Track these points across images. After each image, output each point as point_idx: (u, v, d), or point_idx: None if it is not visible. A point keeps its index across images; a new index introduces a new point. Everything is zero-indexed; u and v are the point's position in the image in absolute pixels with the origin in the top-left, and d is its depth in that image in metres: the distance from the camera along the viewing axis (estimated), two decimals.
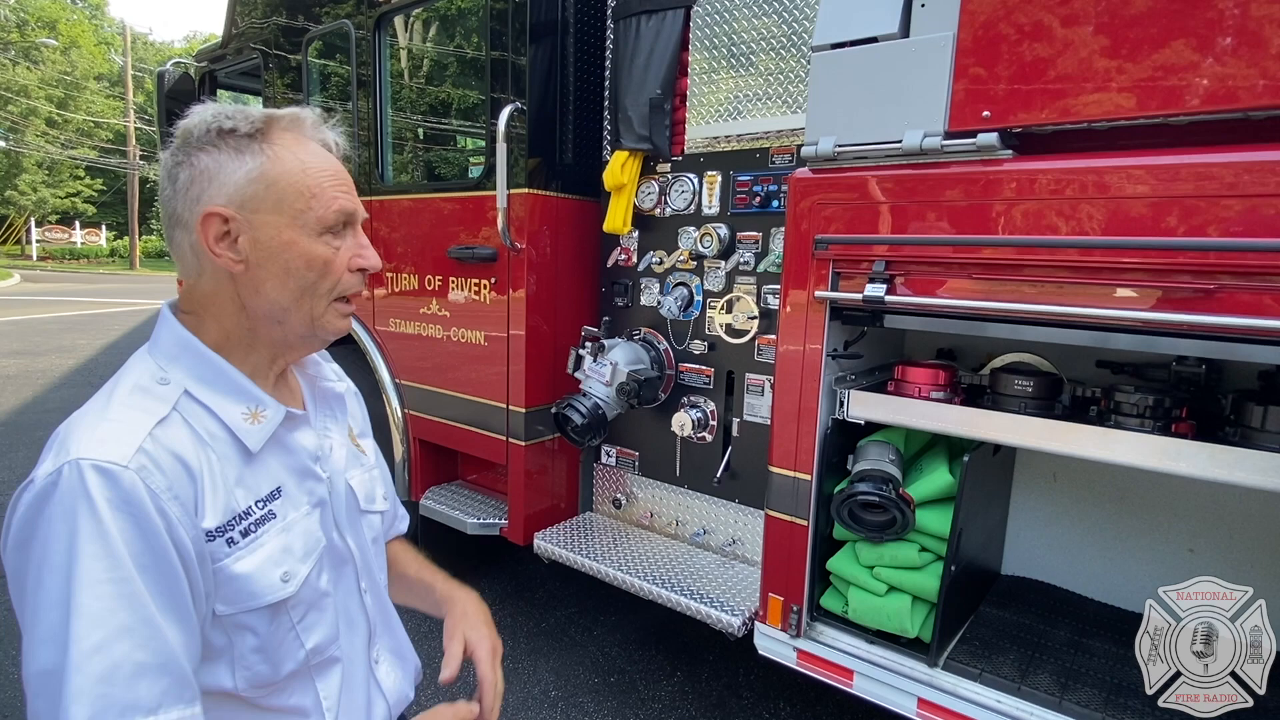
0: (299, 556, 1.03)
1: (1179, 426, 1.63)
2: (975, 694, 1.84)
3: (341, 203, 1.02)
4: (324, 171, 1.02)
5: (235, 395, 1.00)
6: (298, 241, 1.00)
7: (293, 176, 0.99)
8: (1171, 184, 1.44)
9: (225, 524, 0.95)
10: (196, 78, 4.72)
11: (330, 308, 1.04)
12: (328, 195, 1.01)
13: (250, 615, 0.97)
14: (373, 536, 1.22)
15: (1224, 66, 1.40)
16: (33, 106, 32.77)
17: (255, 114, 1.00)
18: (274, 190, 0.98)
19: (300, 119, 1.04)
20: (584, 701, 2.78)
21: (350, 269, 1.04)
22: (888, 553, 1.97)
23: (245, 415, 1.00)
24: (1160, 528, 2.19)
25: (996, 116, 1.64)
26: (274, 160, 0.99)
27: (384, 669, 1.22)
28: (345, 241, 1.04)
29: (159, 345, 1.01)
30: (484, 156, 3.04)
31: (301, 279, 1.00)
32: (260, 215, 0.98)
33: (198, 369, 0.99)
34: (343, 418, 1.22)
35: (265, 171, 0.98)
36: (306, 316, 1.02)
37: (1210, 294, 1.42)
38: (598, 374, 2.73)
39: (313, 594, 1.05)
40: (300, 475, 1.08)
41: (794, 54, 2.33)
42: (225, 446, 0.98)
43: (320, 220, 1.01)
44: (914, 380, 1.95)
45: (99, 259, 35.31)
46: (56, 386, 7.85)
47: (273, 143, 0.99)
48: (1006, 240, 1.63)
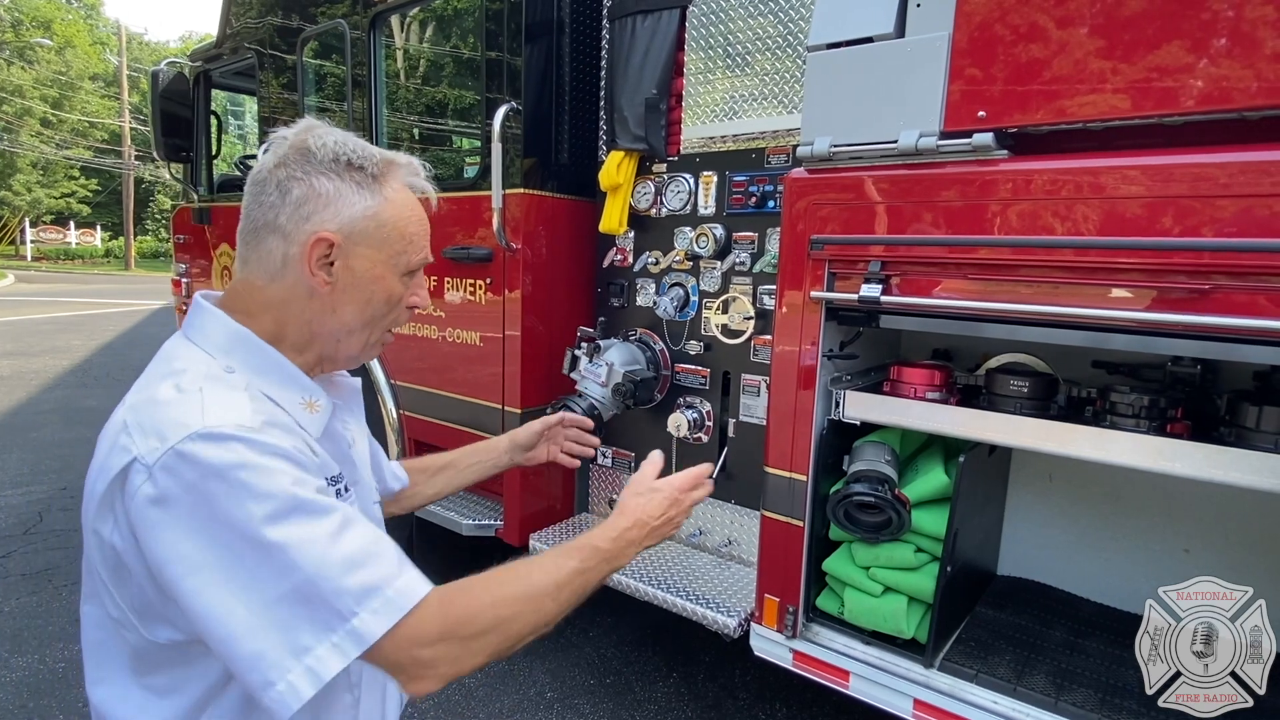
0: None
1: (1174, 427, 1.62)
2: (971, 695, 1.83)
3: (427, 253, 1.15)
4: (422, 222, 1.14)
5: (292, 385, 1.07)
6: (385, 278, 1.10)
7: (400, 223, 1.10)
8: (1167, 184, 1.43)
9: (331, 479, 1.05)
10: (191, 77, 4.71)
11: (382, 336, 1.16)
12: (420, 245, 1.13)
13: None
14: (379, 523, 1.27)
15: (1218, 67, 1.40)
16: (27, 106, 32.65)
17: (377, 155, 1.09)
18: (382, 230, 1.08)
19: (413, 168, 1.14)
20: (580, 703, 2.77)
21: (406, 305, 1.15)
22: (884, 553, 1.96)
23: (302, 404, 1.07)
24: (1156, 528, 2.20)
25: (992, 117, 1.64)
26: (388, 204, 1.08)
27: None
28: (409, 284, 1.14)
29: (210, 339, 1.03)
30: (479, 157, 3.03)
31: (376, 309, 1.11)
32: (361, 248, 1.07)
33: (252, 361, 1.04)
34: (359, 411, 1.29)
35: (379, 212, 1.07)
36: (363, 341, 1.13)
37: (1205, 294, 1.42)
38: (593, 375, 2.73)
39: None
40: (345, 461, 1.16)
41: (789, 54, 2.33)
42: (296, 430, 1.03)
43: (409, 265, 1.12)
44: (910, 381, 1.95)
45: (94, 259, 35.20)
46: (51, 387, 7.82)
47: (389, 185, 1.09)
48: (1002, 240, 1.63)
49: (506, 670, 2.95)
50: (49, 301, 16.84)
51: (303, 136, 1.05)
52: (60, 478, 5.04)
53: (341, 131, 1.08)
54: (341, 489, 1.08)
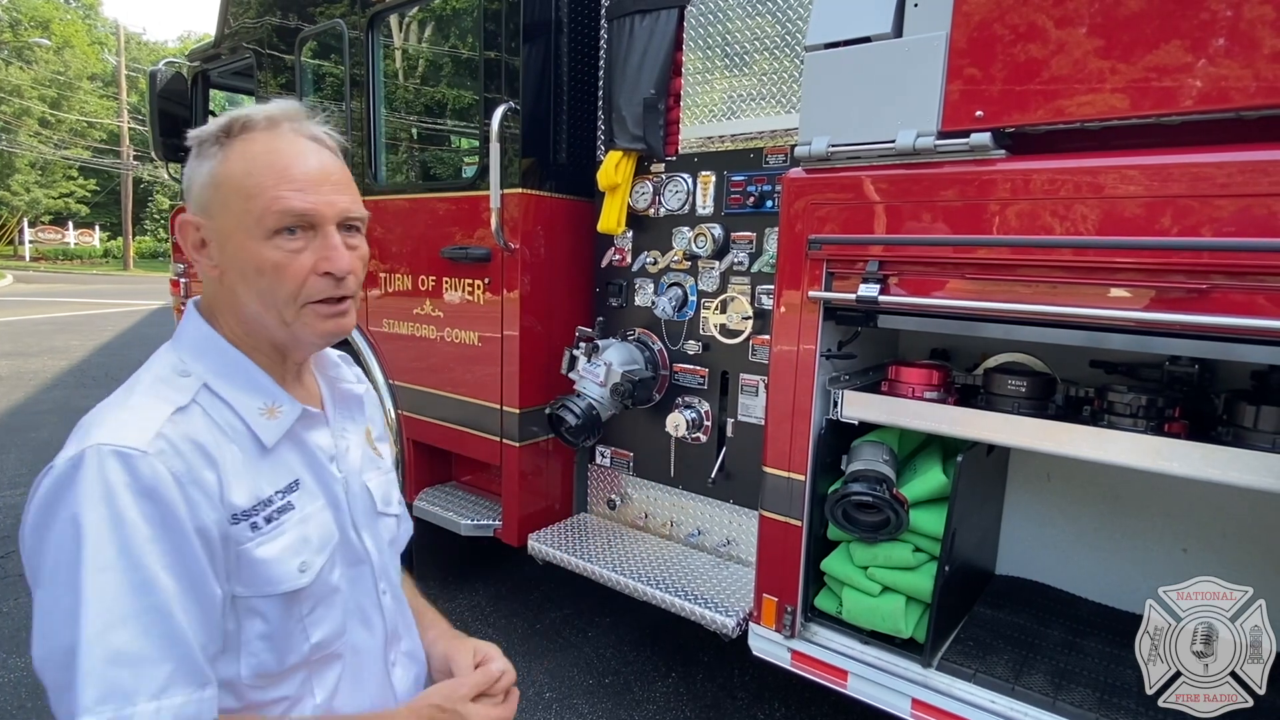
0: (315, 548, 1.04)
1: (1172, 426, 1.63)
2: (969, 694, 1.83)
3: (287, 202, 0.95)
4: (271, 168, 0.96)
5: (253, 391, 1.02)
6: (246, 245, 0.96)
7: (235, 179, 0.96)
8: (1165, 184, 1.44)
9: (251, 508, 0.96)
10: (189, 77, 4.70)
11: (303, 312, 0.99)
12: (268, 195, 0.95)
13: (264, 601, 0.98)
14: (389, 538, 1.22)
15: (1216, 67, 1.40)
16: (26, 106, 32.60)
17: (225, 118, 0.98)
18: (220, 193, 0.96)
19: (269, 117, 0.99)
20: (579, 703, 2.77)
21: (317, 273, 0.98)
22: (882, 553, 1.96)
23: (262, 410, 1.01)
24: (1154, 528, 2.20)
25: (990, 116, 1.64)
26: (222, 162, 0.97)
27: (400, 672, 1.21)
28: (311, 243, 0.98)
29: (183, 340, 1.03)
30: (478, 156, 3.03)
31: (257, 285, 0.97)
32: (216, 220, 0.97)
33: (218, 364, 1.01)
34: (361, 419, 1.23)
35: (214, 174, 0.97)
36: (278, 322, 1.00)
37: (1203, 294, 1.42)
38: (592, 374, 2.73)
39: (324, 589, 1.05)
40: (316, 471, 1.08)
41: (787, 54, 2.33)
42: (243, 439, 0.99)
43: (261, 223, 0.95)
44: (908, 380, 1.95)
45: (92, 260, 35.16)
46: (49, 388, 7.81)
47: (231, 144, 0.97)
48: (1000, 240, 1.63)
49: None
50: (47, 302, 16.82)
51: None
52: None
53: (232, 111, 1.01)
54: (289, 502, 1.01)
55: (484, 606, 3.44)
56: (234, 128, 0.97)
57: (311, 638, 1.03)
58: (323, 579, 1.04)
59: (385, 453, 1.29)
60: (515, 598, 3.54)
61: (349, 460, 1.15)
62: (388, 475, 1.26)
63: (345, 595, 1.09)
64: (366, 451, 1.22)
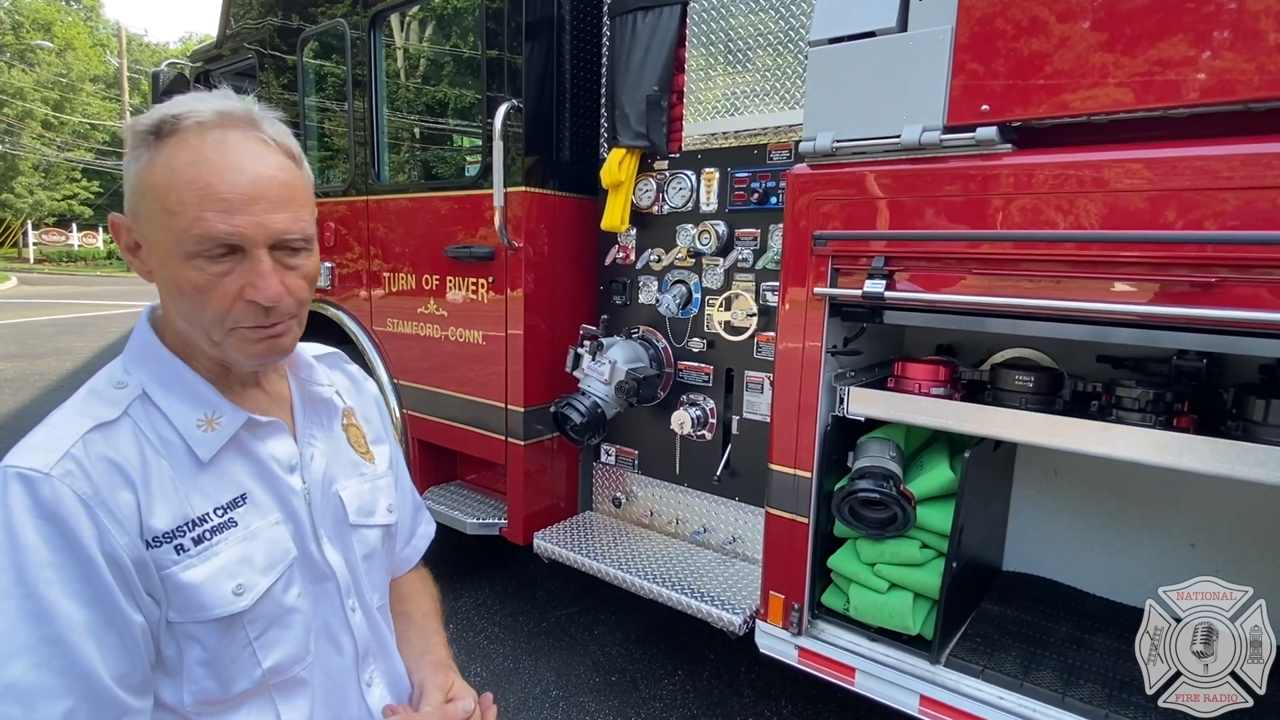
0: (259, 568, 0.97)
1: (1180, 421, 1.62)
2: (978, 691, 1.83)
3: (208, 226, 0.85)
4: (194, 184, 0.85)
5: (191, 401, 0.96)
6: (167, 263, 0.88)
7: (158, 190, 0.86)
8: (1172, 178, 1.43)
9: (174, 530, 0.90)
10: (192, 79, 4.70)
11: (231, 335, 0.92)
12: (188, 216, 0.85)
13: (198, 627, 0.92)
14: (365, 552, 1.14)
15: (1222, 59, 1.39)
16: (28, 109, 32.68)
17: (159, 112, 0.88)
18: (145, 202, 0.88)
19: (201, 120, 0.87)
20: (585, 701, 2.77)
21: (243, 298, 0.89)
22: (889, 550, 1.96)
23: (199, 422, 0.95)
24: (1162, 523, 2.19)
25: (995, 111, 1.63)
26: (148, 166, 0.87)
27: (376, 693, 1.13)
28: (238, 266, 0.89)
29: (129, 347, 0.99)
30: (480, 155, 3.03)
31: (179, 304, 0.91)
32: (142, 227, 0.90)
33: (157, 372, 0.96)
34: (332, 423, 1.15)
35: (139, 179, 0.88)
36: (207, 341, 0.93)
37: (1211, 288, 1.41)
38: (596, 373, 2.72)
39: (276, 609, 0.98)
40: (268, 484, 1.01)
41: (790, 49, 2.32)
42: (178, 453, 0.94)
43: (179, 243, 0.86)
44: (914, 376, 1.94)
45: (96, 261, 35.24)
46: (54, 389, 7.83)
47: (160, 146, 0.87)
48: (1006, 235, 1.62)
49: (511, 669, 2.95)
50: (52, 304, 16.87)
51: None
52: None
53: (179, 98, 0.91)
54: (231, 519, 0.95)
55: (490, 605, 3.44)
56: (164, 127, 0.87)
57: (264, 662, 0.97)
58: (273, 599, 0.97)
59: (380, 456, 1.22)
60: (521, 596, 3.55)
61: (312, 469, 1.07)
62: (374, 483, 1.17)
63: (306, 615, 1.02)
64: (345, 458, 1.14)
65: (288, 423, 1.07)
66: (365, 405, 1.26)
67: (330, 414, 1.15)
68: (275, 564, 0.99)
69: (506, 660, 3.02)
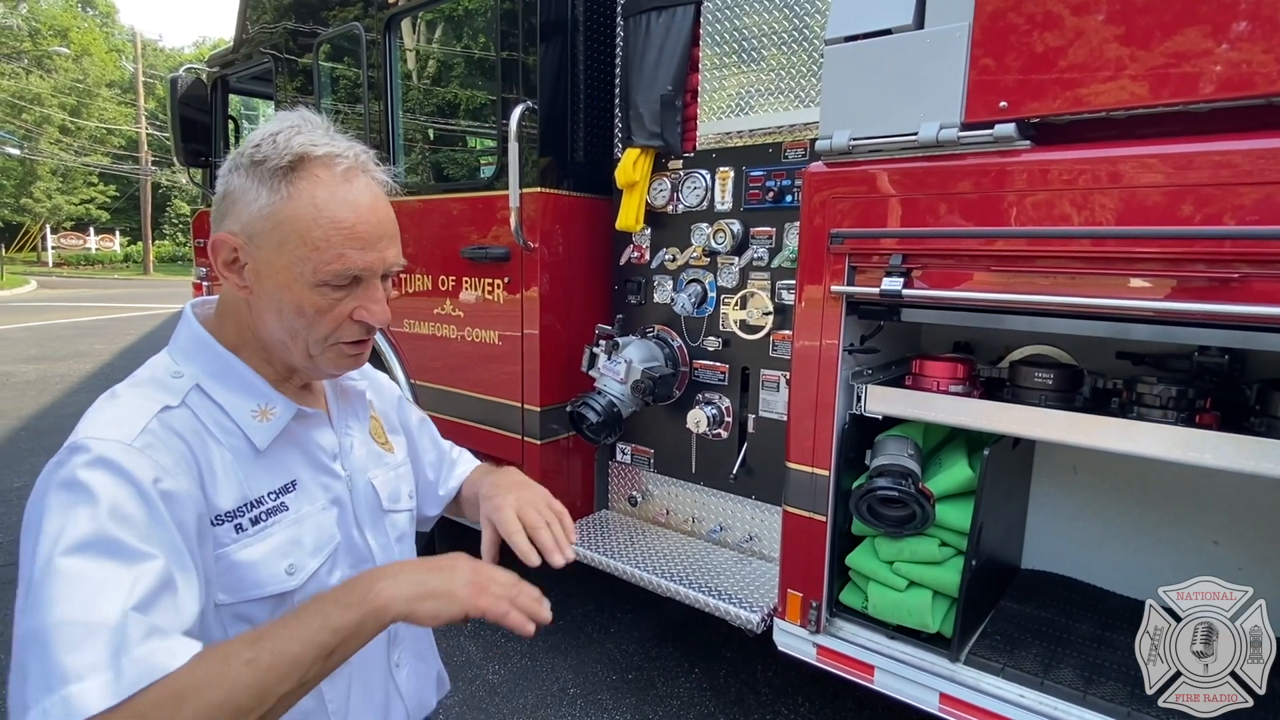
0: (308, 551, 1.03)
1: (1203, 417, 1.61)
2: (998, 689, 1.82)
3: (348, 261, 0.96)
4: (337, 224, 0.95)
5: (245, 392, 1.01)
6: (291, 287, 0.96)
7: (300, 224, 0.94)
8: (1196, 172, 1.42)
9: (236, 509, 0.96)
10: (209, 83, 4.76)
11: (329, 350, 1.01)
12: (332, 252, 0.95)
13: (251, 606, 0.96)
14: (397, 535, 1.21)
15: (1242, 52, 1.38)
16: (46, 114, 33.13)
17: (292, 147, 0.95)
18: (278, 232, 0.95)
19: (337, 160, 0.97)
20: (603, 698, 2.78)
21: (353, 319, 0.99)
22: (907, 548, 1.96)
23: (254, 413, 1.01)
24: (1183, 520, 2.17)
25: (1013, 107, 1.63)
26: (287, 201, 0.94)
27: (404, 673, 1.21)
28: (352, 293, 0.99)
29: (177, 343, 1.04)
30: (495, 157, 3.04)
31: (292, 322, 0.98)
32: (264, 252, 0.96)
33: (211, 366, 1.01)
34: (364, 415, 1.22)
35: (275, 211, 0.95)
36: (303, 354, 1.01)
37: (1234, 283, 1.40)
38: (612, 372, 2.73)
39: (321, 590, 1.00)
40: (317, 471, 1.08)
41: (802, 47, 2.32)
42: (236, 440, 0.99)
43: (316, 274, 0.95)
44: (932, 374, 1.94)
45: (113, 264, 35.70)
46: (75, 391, 7.94)
47: (297, 181, 0.95)
48: (1024, 231, 1.62)
49: (529, 667, 2.97)
50: (71, 307, 17.10)
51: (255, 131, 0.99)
52: None
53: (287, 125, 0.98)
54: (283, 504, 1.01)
55: None
56: (300, 163, 0.95)
57: None
58: (319, 581, 1.03)
59: (399, 447, 1.29)
60: None
61: (353, 458, 1.15)
62: (396, 470, 1.25)
63: None
64: (372, 448, 1.21)
65: (326, 414, 1.14)
66: (382, 399, 1.33)
67: (360, 405, 1.22)
68: (322, 547, 1.05)
69: (524, 658, 3.03)
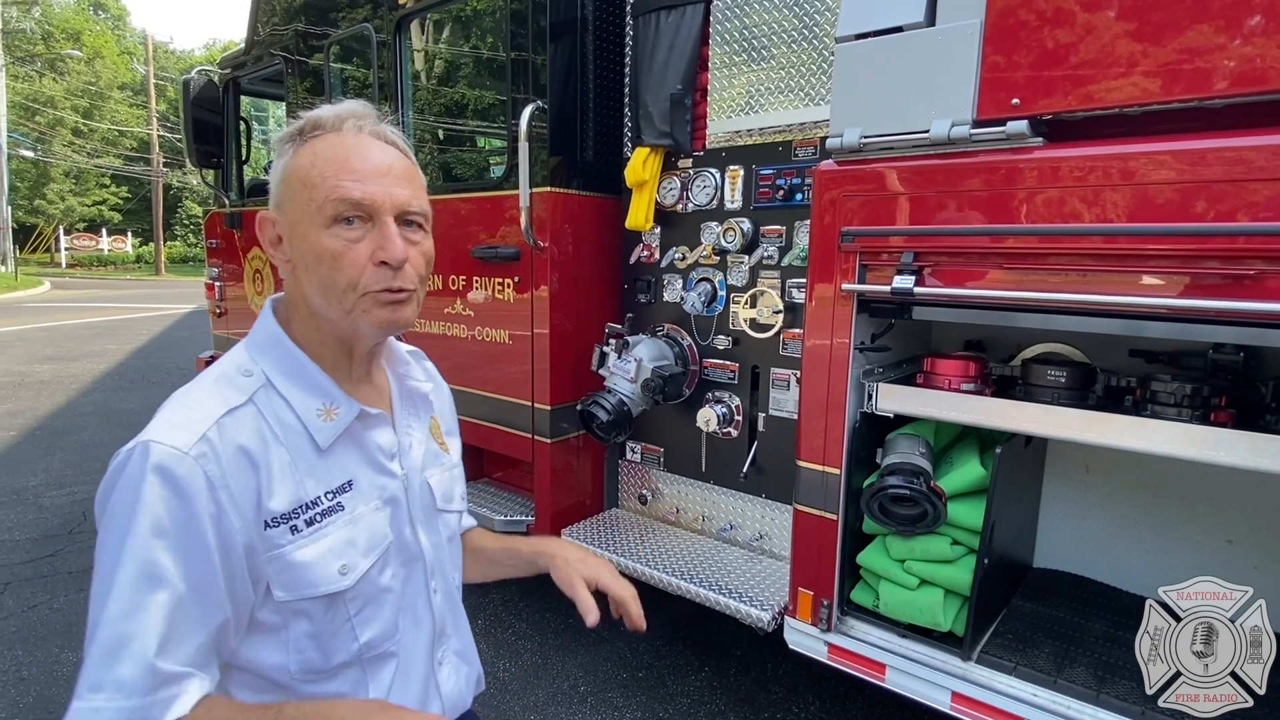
0: (361, 550, 1.05)
1: (1218, 415, 1.60)
2: (1011, 687, 1.82)
3: (344, 191, 0.97)
4: (332, 160, 0.98)
5: (312, 391, 1.04)
6: (307, 237, 0.99)
7: (301, 170, 0.99)
8: (1209, 168, 1.41)
9: (291, 511, 0.98)
10: (221, 85, 4.79)
11: (362, 301, 1.00)
12: (328, 184, 0.97)
13: (308, 603, 1.00)
14: (448, 535, 1.24)
15: (1258, 46, 1.37)
16: (59, 117, 33.45)
17: (301, 119, 1.02)
18: (288, 185, 1.00)
19: (337, 115, 1.02)
20: (613, 697, 2.79)
21: (373, 262, 0.99)
22: (919, 546, 1.96)
23: (319, 411, 1.04)
24: (1197, 519, 2.16)
25: (1026, 104, 1.62)
26: (292, 157, 1.01)
27: (446, 671, 1.23)
28: (369, 234, 0.99)
29: (254, 338, 1.07)
30: (505, 156, 3.05)
31: (318, 274, 0.99)
32: (288, 215, 1.01)
33: (282, 363, 1.04)
34: (425, 416, 1.24)
35: (285, 169, 1.01)
36: (340, 312, 1.01)
37: (1249, 279, 1.39)
38: (622, 370, 2.74)
39: (373, 589, 1.06)
40: (373, 471, 1.10)
41: (810, 45, 2.32)
42: (298, 439, 1.02)
43: (321, 211, 0.97)
44: (943, 372, 1.94)
45: (125, 265, 35.98)
46: (89, 391, 8.02)
47: (303, 142, 1.01)
48: (1037, 229, 1.61)
49: (539, 664, 2.98)
50: (84, 307, 17.26)
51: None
52: (101, 478, 5.16)
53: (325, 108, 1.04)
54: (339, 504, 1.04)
55: (517, 601, 3.48)
56: (306, 127, 1.02)
57: (360, 637, 1.05)
58: (371, 580, 1.06)
59: (454, 448, 1.31)
60: (548, 593, 3.56)
61: (411, 457, 1.16)
62: (451, 471, 1.27)
63: (398, 595, 1.11)
64: (431, 448, 1.23)
65: (388, 414, 1.16)
66: (441, 400, 1.35)
67: (424, 406, 1.24)
68: (375, 546, 1.07)
69: (535, 656, 3.05)
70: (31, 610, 3.37)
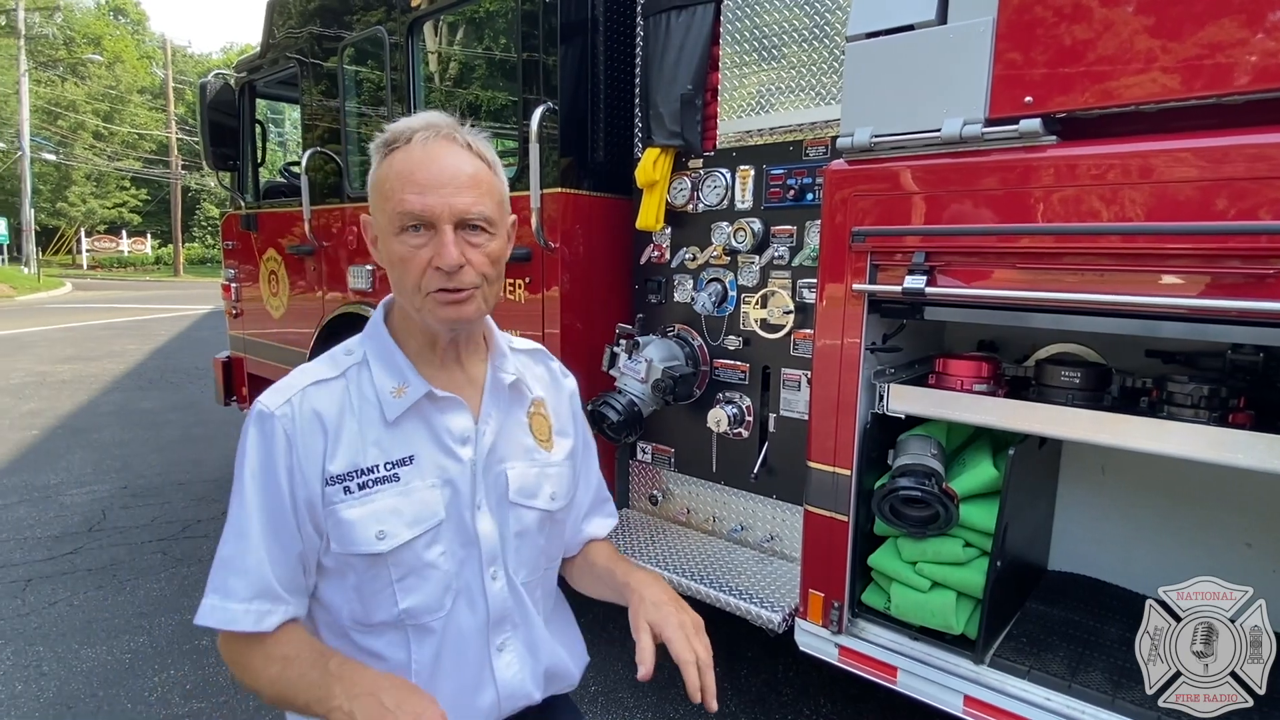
0: (406, 522, 1.14)
1: (1236, 417, 1.57)
2: (1024, 691, 1.80)
3: (407, 205, 1.07)
4: (399, 173, 1.08)
5: (392, 371, 1.18)
6: (387, 241, 1.12)
7: (380, 183, 1.11)
8: (1229, 166, 1.38)
9: (346, 474, 1.12)
10: (237, 88, 4.84)
11: (425, 301, 1.12)
12: (396, 198, 1.08)
13: (352, 558, 1.13)
14: (519, 529, 1.26)
15: (1278, 40, 1.35)
16: (81, 120, 33.96)
17: (389, 131, 1.12)
18: (374, 196, 1.14)
19: (411, 129, 1.11)
20: (624, 697, 2.79)
21: (433, 266, 1.09)
22: (931, 548, 1.94)
23: (393, 390, 1.16)
24: (1215, 522, 2.13)
25: (1039, 102, 1.60)
26: (375, 169, 1.13)
27: (506, 659, 1.25)
28: (431, 240, 1.09)
29: (367, 325, 1.24)
30: (516, 157, 3.06)
31: (394, 275, 1.13)
32: (375, 219, 1.16)
33: (376, 347, 1.20)
34: (518, 409, 1.30)
35: (372, 180, 1.14)
36: (415, 308, 1.14)
37: (1270, 279, 1.36)
38: (633, 371, 2.74)
39: (416, 561, 1.15)
40: (438, 452, 1.18)
41: (822, 44, 2.30)
42: (372, 410, 1.15)
43: (391, 220, 1.09)
44: (956, 373, 1.92)
45: (144, 266, 36.48)
46: (109, 390, 8.14)
47: (386, 154, 1.11)
48: (1051, 228, 1.59)
49: None
50: (105, 308, 17.51)
51: None
52: (120, 477, 5.24)
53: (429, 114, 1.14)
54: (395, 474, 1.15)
55: None
56: (388, 139, 1.12)
57: (400, 603, 1.15)
58: (414, 551, 1.14)
59: (562, 447, 1.35)
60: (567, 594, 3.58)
61: (484, 444, 1.22)
62: (543, 469, 1.30)
63: (449, 574, 1.18)
64: (522, 441, 1.29)
65: (475, 401, 1.24)
66: (559, 399, 1.40)
67: (516, 400, 1.30)
68: (421, 521, 1.15)
69: None
70: (51, 606, 3.42)
